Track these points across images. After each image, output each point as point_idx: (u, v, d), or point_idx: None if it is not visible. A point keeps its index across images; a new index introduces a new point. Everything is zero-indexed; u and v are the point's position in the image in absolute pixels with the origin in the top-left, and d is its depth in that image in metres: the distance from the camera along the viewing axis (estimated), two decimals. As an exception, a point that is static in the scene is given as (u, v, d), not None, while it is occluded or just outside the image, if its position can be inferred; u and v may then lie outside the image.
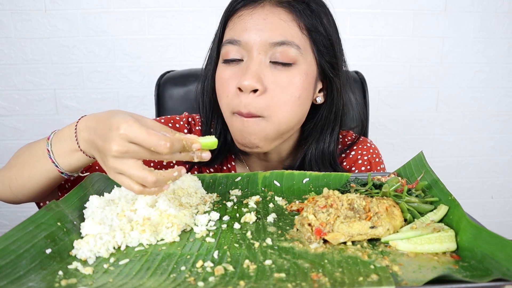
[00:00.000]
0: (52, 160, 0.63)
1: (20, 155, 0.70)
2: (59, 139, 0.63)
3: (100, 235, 0.49)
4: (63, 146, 0.62)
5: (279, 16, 0.70)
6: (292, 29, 0.70)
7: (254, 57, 0.70)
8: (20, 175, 0.67)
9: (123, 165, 0.51)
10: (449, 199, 0.55)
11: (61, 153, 0.63)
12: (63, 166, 0.64)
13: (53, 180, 0.66)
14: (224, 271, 0.42)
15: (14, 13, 1.65)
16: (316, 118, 0.81)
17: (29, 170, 0.66)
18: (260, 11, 0.71)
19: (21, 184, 0.68)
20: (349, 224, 0.50)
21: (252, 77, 0.68)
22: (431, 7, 1.75)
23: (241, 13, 0.72)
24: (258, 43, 0.69)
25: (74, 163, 0.63)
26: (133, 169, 0.51)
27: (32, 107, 1.75)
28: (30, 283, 0.40)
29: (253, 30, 0.69)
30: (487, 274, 0.41)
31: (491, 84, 1.87)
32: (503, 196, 2.03)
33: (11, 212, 1.88)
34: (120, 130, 0.50)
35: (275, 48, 0.69)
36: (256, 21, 0.70)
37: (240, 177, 0.73)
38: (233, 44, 0.71)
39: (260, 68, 0.70)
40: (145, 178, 0.51)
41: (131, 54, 1.72)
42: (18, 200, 0.71)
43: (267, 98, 0.70)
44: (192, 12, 1.69)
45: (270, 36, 0.69)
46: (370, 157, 0.87)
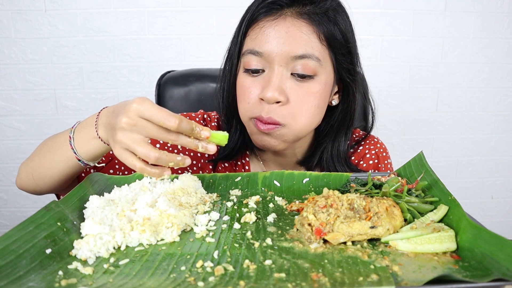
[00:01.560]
0: (71, 147, 0.65)
1: (44, 145, 0.74)
2: (82, 127, 0.66)
3: (100, 235, 0.49)
4: (83, 133, 0.65)
5: (300, 29, 0.71)
6: (312, 41, 0.72)
7: (275, 69, 0.72)
8: (42, 164, 0.70)
9: (129, 139, 0.54)
10: (449, 199, 0.55)
11: (81, 139, 0.65)
12: (81, 153, 0.66)
13: (72, 168, 0.69)
14: (224, 271, 0.42)
15: (14, 13, 1.65)
16: (332, 120, 0.84)
17: (50, 158, 0.69)
18: (282, 23, 0.72)
19: (42, 173, 0.71)
20: (349, 224, 0.50)
21: (275, 89, 0.71)
22: (431, 7, 1.75)
23: (262, 24, 0.73)
24: (280, 56, 0.71)
25: (91, 150, 0.65)
26: (138, 143, 0.54)
27: (32, 107, 1.75)
28: (30, 283, 0.40)
29: (275, 43, 0.71)
30: (487, 274, 0.41)
31: (491, 84, 1.87)
32: (503, 196, 2.03)
33: (11, 212, 1.89)
34: (133, 104, 0.54)
35: (296, 61, 0.71)
36: (278, 34, 0.71)
37: (240, 177, 0.73)
38: (255, 55, 0.73)
39: (281, 80, 0.72)
40: (148, 153, 0.53)
41: (131, 54, 1.72)
42: (39, 189, 0.74)
43: (288, 108, 0.73)
44: (192, 12, 1.69)
45: (291, 49, 0.71)
46: (377, 151, 0.92)
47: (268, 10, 0.73)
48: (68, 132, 0.67)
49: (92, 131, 0.64)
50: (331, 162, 0.85)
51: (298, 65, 0.72)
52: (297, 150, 0.88)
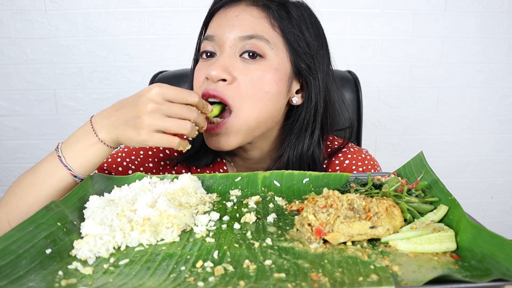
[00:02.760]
0: (64, 164, 0.63)
1: (18, 184, 0.67)
2: (70, 143, 0.65)
3: (100, 235, 0.49)
4: (76, 146, 0.64)
5: (251, 13, 0.74)
6: (263, 25, 0.74)
7: (225, 51, 0.74)
8: (24, 201, 0.65)
9: (158, 120, 0.59)
10: (449, 199, 0.55)
11: (76, 152, 0.64)
12: (76, 167, 0.64)
13: (63, 191, 0.65)
14: (224, 271, 0.42)
15: (14, 13, 1.65)
16: (292, 119, 0.81)
17: (35, 191, 0.64)
18: (234, 9, 0.76)
19: (25, 211, 0.64)
20: (349, 224, 0.50)
21: (219, 67, 0.71)
22: (431, 7, 1.75)
23: (218, 12, 0.78)
24: (230, 38, 0.73)
25: (90, 160, 0.64)
26: (167, 121, 0.60)
27: (32, 107, 1.75)
28: (30, 283, 0.40)
29: (225, 26, 0.74)
30: (487, 274, 0.41)
31: (491, 84, 1.87)
32: (503, 196, 2.03)
33: (11, 212, 1.88)
34: (153, 90, 0.59)
35: (244, 41, 0.73)
36: (229, 18, 0.75)
37: (240, 177, 0.73)
38: (209, 40, 0.76)
39: (229, 60, 0.73)
40: (182, 124, 0.60)
41: (131, 54, 1.72)
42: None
43: (236, 87, 0.72)
44: (192, 12, 1.69)
45: (240, 30, 0.73)
46: (365, 169, 0.85)
47: (225, 2, 0.77)
48: (51, 157, 0.65)
49: (90, 138, 0.63)
50: (292, 166, 0.81)
51: (246, 45, 0.72)
52: (264, 154, 0.85)
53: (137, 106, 0.60)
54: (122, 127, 0.62)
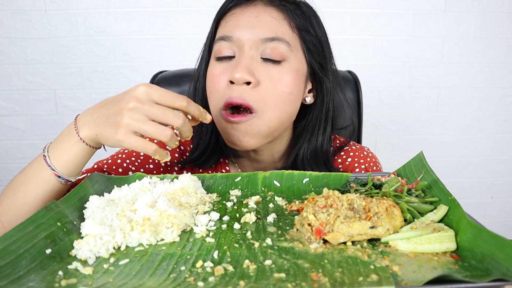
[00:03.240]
0: (48, 164, 0.62)
1: (10, 184, 0.67)
2: (56, 142, 0.63)
3: (100, 235, 0.49)
4: (60, 144, 0.62)
5: (270, 14, 0.72)
6: (283, 26, 0.72)
7: (245, 52, 0.71)
8: (14, 202, 0.64)
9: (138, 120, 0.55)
10: (449, 199, 0.55)
11: (58, 151, 0.62)
12: (60, 167, 0.62)
13: (51, 192, 0.64)
14: (224, 271, 0.42)
15: (14, 13, 1.65)
16: (307, 118, 0.82)
17: (23, 191, 0.63)
18: (252, 9, 0.73)
19: (15, 212, 0.63)
20: (349, 224, 0.50)
21: (244, 69, 0.69)
22: (431, 7, 1.75)
23: (233, 12, 0.74)
24: (250, 39, 0.71)
25: (71, 160, 0.62)
26: (148, 123, 0.55)
27: (32, 107, 1.75)
28: (30, 283, 0.40)
29: (245, 26, 0.71)
30: (487, 274, 0.41)
31: (491, 84, 1.87)
32: (503, 196, 2.03)
33: (11, 212, 1.89)
34: (139, 88, 0.56)
35: (266, 44, 0.71)
36: (248, 18, 0.72)
37: (240, 177, 0.73)
38: (225, 41, 0.73)
39: (251, 62, 0.71)
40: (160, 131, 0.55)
41: (131, 54, 1.72)
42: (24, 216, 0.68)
43: (260, 91, 0.71)
44: (192, 12, 1.69)
45: (261, 32, 0.71)
46: (367, 166, 0.86)
47: (240, 1, 0.75)
48: (39, 157, 0.64)
49: (72, 137, 0.61)
50: (308, 163, 0.82)
51: (268, 48, 0.71)
52: (275, 155, 0.85)
53: (120, 103, 0.57)
54: (102, 124, 0.58)
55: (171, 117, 0.56)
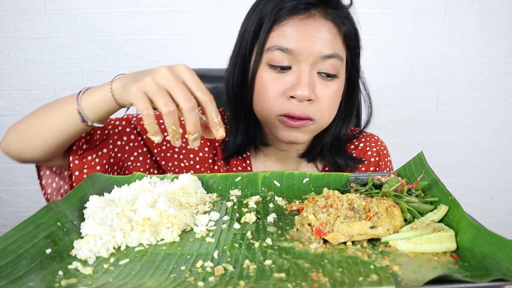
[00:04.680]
0: (77, 98, 0.67)
1: (43, 106, 0.74)
2: (93, 88, 0.68)
3: (100, 235, 0.49)
4: (94, 89, 0.67)
5: (329, 30, 0.75)
6: (337, 42, 0.76)
7: (303, 67, 0.74)
8: (38, 120, 0.71)
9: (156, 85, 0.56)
10: (449, 199, 0.55)
11: (89, 94, 0.67)
12: (84, 106, 0.66)
13: (69, 127, 0.69)
14: (224, 271, 0.42)
15: (14, 13, 1.65)
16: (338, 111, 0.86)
17: (49, 112, 0.70)
18: (312, 22, 0.74)
19: (36, 129, 0.70)
20: (349, 224, 0.50)
21: (308, 88, 0.73)
22: (431, 7, 1.75)
23: (292, 22, 0.74)
24: (311, 55, 0.73)
25: (95, 102, 0.66)
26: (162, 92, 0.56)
27: (32, 107, 1.74)
28: (30, 283, 0.40)
29: (308, 42, 0.73)
30: (487, 274, 0.41)
31: (491, 84, 1.87)
32: (503, 196, 2.03)
33: (11, 212, 1.89)
34: (178, 64, 0.58)
35: (324, 60, 0.74)
36: (310, 33, 0.73)
37: (240, 177, 0.73)
38: (284, 52, 0.74)
39: (311, 78, 0.75)
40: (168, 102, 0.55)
41: (131, 54, 1.72)
42: (25, 152, 0.73)
43: (317, 105, 0.77)
44: (192, 12, 1.69)
45: (322, 49, 0.73)
46: (378, 149, 0.94)
47: (296, 8, 0.74)
48: (73, 94, 0.69)
49: (105, 85, 0.65)
50: (330, 155, 0.89)
51: (326, 64, 0.75)
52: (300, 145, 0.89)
53: (155, 68, 0.59)
54: (131, 77, 0.61)
55: (184, 96, 0.56)
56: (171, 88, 0.56)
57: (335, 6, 0.77)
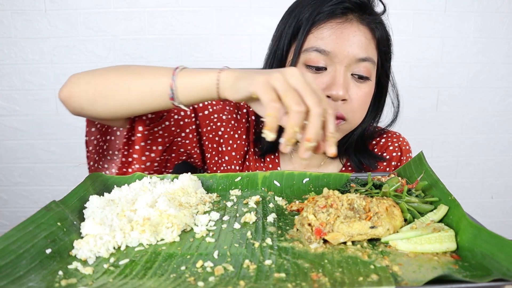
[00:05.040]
0: (173, 73, 0.65)
1: (125, 68, 0.71)
2: (193, 69, 0.67)
3: (100, 235, 0.49)
4: (195, 71, 0.66)
5: (364, 34, 0.78)
6: (371, 46, 0.79)
7: (341, 70, 0.76)
8: (119, 82, 0.68)
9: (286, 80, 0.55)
10: (449, 199, 0.55)
11: (189, 73, 0.66)
12: (179, 83, 0.65)
13: (153, 98, 0.67)
14: (224, 271, 0.42)
15: (14, 13, 1.65)
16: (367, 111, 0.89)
17: (134, 79, 0.68)
18: (349, 26, 0.77)
19: (113, 90, 0.68)
20: (349, 224, 0.50)
21: (343, 88, 0.76)
22: (431, 7, 1.75)
23: (330, 25, 0.77)
24: (347, 58, 0.76)
25: (193, 84, 0.65)
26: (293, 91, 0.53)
27: (32, 107, 1.75)
28: (30, 283, 0.40)
29: (344, 45, 0.76)
30: (487, 274, 0.41)
31: (491, 84, 1.87)
32: (503, 196, 2.03)
33: (11, 212, 1.89)
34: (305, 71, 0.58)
35: (359, 63, 0.77)
36: (347, 36, 0.76)
37: (240, 177, 0.73)
38: (321, 53, 0.76)
39: (346, 80, 0.77)
40: (299, 101, 0.52)
41: (131, 54, 1.72)
42: (88, 108, 0.70)
43: (350, 105, 0.79)
44: (192, 12, 1.69)
45: (357, 52, 0.76)
46: (400, 144, 0.98)
47: (334, 12, 0.77)
48: (169, 68, 0.67)
49: (211, 70, 0.64)
50: (354, 154, 0.91)
51: (360, 67, 0.77)
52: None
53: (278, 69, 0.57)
54: (249, 72, 0.59)
55: (314, 99, 0.53)
56: (302, 90, 0.54)
57: (371, 12, 0.80)
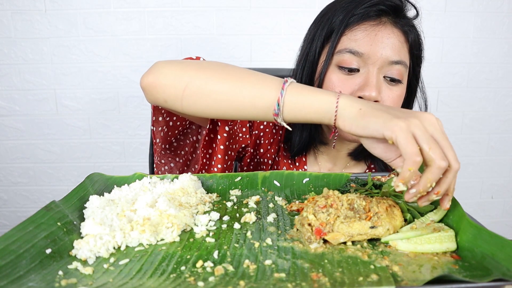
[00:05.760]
0: (283, 88, 0.60)
1: (228, 70, 0.66)
2: (305, 87, 0.62)
3: (100, 235, 0.49)
4: (309, 89, 0.61)
5: (398, 37, 0.78)
6: (404, 49, 0.80)
7: (374, 71, 0.76)
8: (219, 84, 0.63)
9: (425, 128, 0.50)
10: (449, 199, 0.55)
11: (302, 91, 0.61)
12: (288, 103, 0.60)
13: (255, 110, 0.63)
14: (224, 271, 0.42)
15: (14, 13, 1.65)
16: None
17: (237, 86, 0.62)
18: (383, 29, 0.77)
19: (210, 91, 0.63)
20: (349, 224, 0.50)
21: (376, 89, 0.76)
22: (431, 7, 1.75)
23: (364, 27, 0.77)
24: (380, 60, 0.76)
25: (304, 103, 0.60)
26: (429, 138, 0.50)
27: (32, 107, 1.75)
28: (30, 283, 0.40)
29: (378, 47, 0.76)
30: (487, 274, 0.41)
31: (491, 84, 1.87)
32: (503, 196, 2.03)
33: (11, 212, 1.89)
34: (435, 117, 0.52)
35: (391, 66, 0.77)
36: (381, 39, 0.76)
37: (240, 177, 0.73)
38: (354, 55, 0.77)
39: (378, 81, 0.77)
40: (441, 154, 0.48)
41: (131, 54, 1.72)
42: (177, 103, 0.67)
43: None
44: (192, 12, 1.69)
45: (391, 55, 0.76)
46: None
47: (367, 15, 0.77)
48: (278, 81, 0.62)
49: (328, 93, 0.60)
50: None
51: (392, 69, 0.77)
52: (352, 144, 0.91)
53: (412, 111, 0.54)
54: (380, 109, 0.54)
55: (453, 155, 0.50)
56: (442, 142, 0.50)
57: (404, 15, 0.80)
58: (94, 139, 1.79)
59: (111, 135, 1.80)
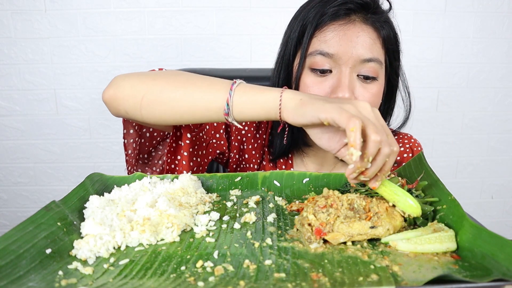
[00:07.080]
0: (231, 88, 0.63)
1: (178, 76, 0.69)
2: (252, 86, 0.65)
3: (100, 235, 0.49)
4: (255, 88, 0.64)
5: (368, 35, 0.77)
6: (377, 46, 0.78)
7: (346, 71, 0.76)
8: (172, 91, 0.66)
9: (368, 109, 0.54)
10: (449, 199, 0.55)
11: (249, 89, 0.63)
12: (236, 99, 0.63)
13: (207, 112, 0.65)
14: (224, 271, 0.42)
15: (14, 13, 1.65)
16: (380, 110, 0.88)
17: (189, 92, 0.65)
18: (352, 28, 0.76)
19: (165, 99, 0.66)
20: (349, 224, 0.50)
21: (348, 90, 0.75)
22: (431, 7, 1.75)
23: (333, 27, 0.77)
24: (351, 59, 0.75)
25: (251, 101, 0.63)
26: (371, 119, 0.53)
27: (32, 107, 1.75)
28: (30, 283, 0.40)
29: (347, 46, 0.75)
30: (487, 274, 0.41)
31: (491, 84, 1.87)
32: (503, 196, 2.02)
33: (11, 212, 1.89)
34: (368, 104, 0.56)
35: (363, 64, 0.76)
36: (350, 38, 0.76)
37: (240, 177, 0.73)
38: (325, 56, 0.76)
39: (351, 81, 0.76)
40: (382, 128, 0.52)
41: (131, 54, 1.72)
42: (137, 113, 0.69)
43: None
44: (192, 12, 1.69)
45: (362, 53, 0.76)
46: (411, 145, 0.97)
47: (336, 14, 0.76)
48: (227, 81, 0.66)
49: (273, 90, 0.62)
50: None
51: (365, 67, 0.76)
52: None
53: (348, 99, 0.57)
54: (321, 99, 0.57)
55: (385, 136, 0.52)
56: (376, 123, 0.53)
57: (375, 11, 0.79)
58: (94, 139, 1.79)
59: (111, 135, 1.80)
